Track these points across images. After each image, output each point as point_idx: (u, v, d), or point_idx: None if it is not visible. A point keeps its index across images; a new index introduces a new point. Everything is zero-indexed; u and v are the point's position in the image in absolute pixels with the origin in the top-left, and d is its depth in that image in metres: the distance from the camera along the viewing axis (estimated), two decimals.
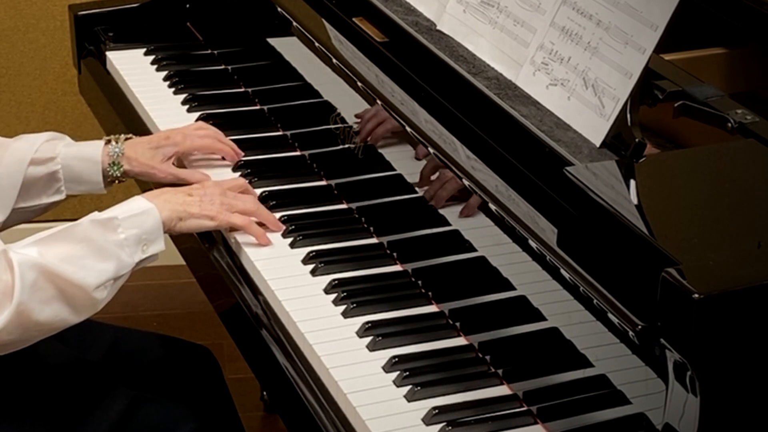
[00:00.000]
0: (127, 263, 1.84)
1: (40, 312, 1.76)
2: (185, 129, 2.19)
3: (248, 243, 1.96)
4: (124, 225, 1.83)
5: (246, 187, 2.03)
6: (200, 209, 1.93)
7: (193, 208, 1.92)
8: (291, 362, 1.78)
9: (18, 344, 1.80)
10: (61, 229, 1.81)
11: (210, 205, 1.94)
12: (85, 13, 2.65)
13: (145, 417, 1.99)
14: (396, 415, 1.64)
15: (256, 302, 1.90)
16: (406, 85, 1.92)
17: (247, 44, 2.52)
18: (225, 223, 1.95)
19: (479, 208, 1.75)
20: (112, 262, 1.81)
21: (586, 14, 1.72)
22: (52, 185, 2.08)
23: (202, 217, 1.93)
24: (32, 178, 2.06)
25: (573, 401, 1.59)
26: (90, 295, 1.79)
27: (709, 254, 1.41)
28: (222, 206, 1.94)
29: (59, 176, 2.07)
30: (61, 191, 2.09)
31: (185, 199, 1.93)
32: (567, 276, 1.52)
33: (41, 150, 2.06)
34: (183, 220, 1.91)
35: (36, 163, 2.05)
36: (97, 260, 1.80)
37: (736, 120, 1.66)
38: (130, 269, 1.85)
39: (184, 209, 1.91)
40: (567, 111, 1.72)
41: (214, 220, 1.94)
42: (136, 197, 1.91)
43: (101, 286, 1.80)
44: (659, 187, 1.62)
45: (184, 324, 3.34)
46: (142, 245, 1.85)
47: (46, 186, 2.07)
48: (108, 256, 1.81)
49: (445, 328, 1.80)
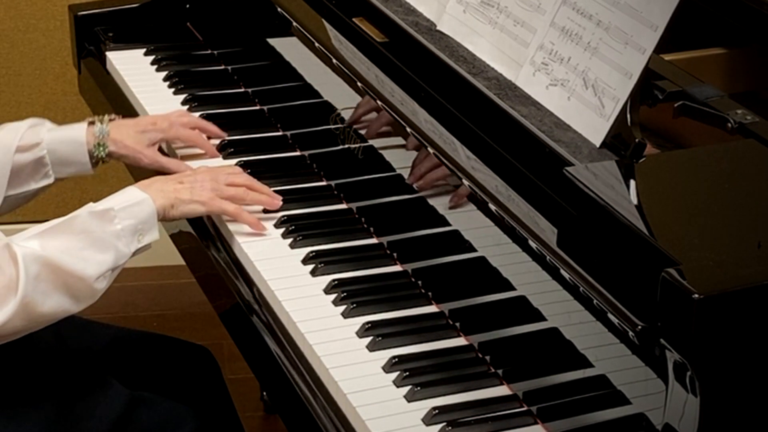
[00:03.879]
0: (125, 253, 1.87)
1: (43, 303, 1.78)
2: (170, 116, 2.20)
3: (248, 243, 1.97)
4: (121, 216, 1.86)
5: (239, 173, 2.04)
6: (191, 195, 1.96)
7: (184, 194, 1.95)
8: (291, 362, 1.78)
9: (21, 334, 1.83)
10: (60, 222, 1.83)
11: (201, 191, 1.97)
12: (85, 13, 2.65)
13: (145, 417, 1.99)
14: (396, 415, 1.64)
15: (255, 302, 1.90)
16: (406, 85, 1.92)
17: (247, 44, 2.52)
18: (216, 209, 1.97)
19: (479, 209, 1.75)
20: (111, 252, 1.84)
21: (586, 14, 1.72)
22: (40, 170, 2.10)
23: (193, 202, 1.96)
24: (19, 165, 2.08)
25: (573, 401, 1.59)
26: (91, 285, 1.82)
27: (709, 254, 1.41)
28: (213, 192, 1.96)
29: (46, 161, 2.09)
30: (49, 175, 2.11)
31: (176, 187, 1.96)
32: (567, 276, 1.52)
33: (25, 137, 2.08)
34: (175, 207, 1.95)
35: (22, 150, 2.07)
36: (96, 251, 1.83)
37: (736, 120, 1.66)
38: (126, 259, 1.88)
39: (176, 196, 1.94)
40: (567, 111, 1.72)
41: (205, 206, 1.97)
42: (130, 187, 1.94)
43: (101, 276, 1.83)
44: (659, 187, 1.62)
45: (183, 324, 3.34)
46: (137, 235, 1.88)
47: (33, 171, 2.09)
48: (106, 247, 1.84)
49: (445, 328, 1.80)
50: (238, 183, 2.00)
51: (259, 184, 2.03)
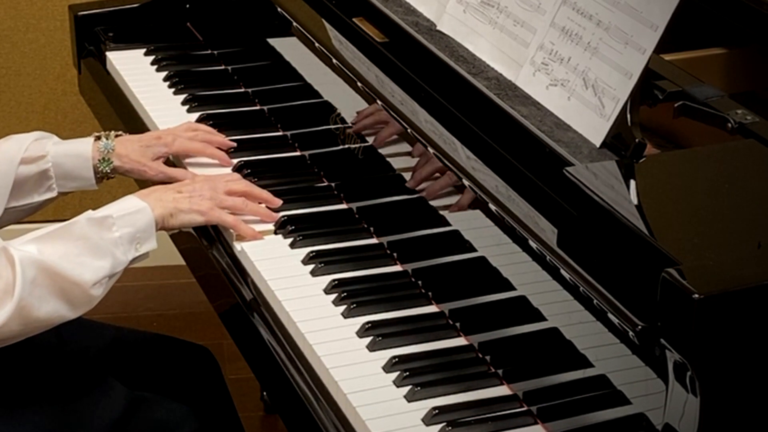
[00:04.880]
0: (122, 261, 1.86)
1: (39, 308, 1.78)
2: (175, 130, 2.20)
3: (248, 243, 1.96)
4: (119, 223, 1.86)
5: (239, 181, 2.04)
6: (190, 205, 1.95)
7: (183, 204, 1.95)
8: (291, 362, 1.78)
9: (17, 338, 1.82)
10: (59, 227, 1.83)
11: (200, 200, 1.96)
12: (85, 13, 2.65)
13: (145, 417, 1.99)
14: (396, 415, 1.64)
15: (255, 302, 1.90)
16: (406, 85, 1.92)
17: (247, 44, 2.52)
18: (215, 219, 1.97)
19: (480, 209, 1.75)
20: (108, 259, 1.84)
21: (586, 14, 1.72)
22: (44, 183, 2.09)
23: (192, 212, 1.95)
24: (23, 177, 2.07)
25: (573, 401, 1.59)
26: (87, 291, 1.82)
27: (709, 254, 1.41)
28: (212, 201, 1.96)
29: (50, 174, 2.09)
30: (52, 189, 2.10)
31: (175, 196, 1.95)
32: (567, 276, 1.52)
33: (31, 149, 2.07)
34: (174, 216, 1.94)
35: (26, 162, 2.07)
36: (93, 258, 1.82)
37: (736, 120, 1.66)
38: (124, 267, 1.87)
39: (174, 206, 1.94)
40: (567, 111, 1.72)
41: (204, 216, 1.96)
42: (129, 196, 1.94)
43: (97, 283, 1.83)
44: (659, 187, 1.62)
45: (183, 324, 3.34)
46: (135, 243, 1.88)
47: (37, 184, 2.09)
48: (104, 253, 1.84)
49: (445, 328, 1.79)
50: (237, 190, 2.00)
51: (258, 190, 2.02)
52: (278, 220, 2.01)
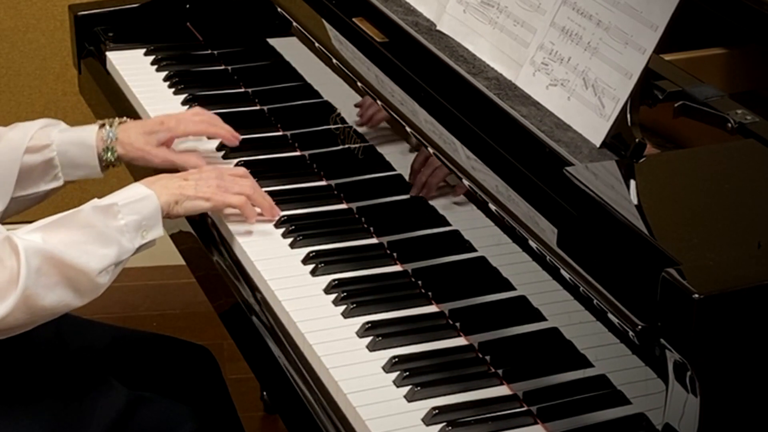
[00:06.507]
0: (128, 248, 1.86)
1: (45, 296, 1.78)
2: (179, 114, 2.19)
3: (248, 243, 1.97)
4: (124, 211, 1.86)
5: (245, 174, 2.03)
6: (195, 191, 1.95)
7: (189, 191, 1.94)
8: (291, 362, 1.78)
9: (23, 328, 1.82)
10: (64, 216, 1.83)
11: (206, 187, 1.96)
12: (85, 13, 2.65)
13: (145, 417, 1.99)
14: (396, 415, 1.64)
15: (255, 302, 1.90)
16: (406, 85, 1.92)
17: (247, 44, 2.52)
18: (221, 203, 1.96)
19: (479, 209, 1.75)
20: (114, 247, 1.84)
21: (586, 14, 1.72)
22: (49, 172, 2.09)
23: (198, 198, 1.95)
24: (29, 166, 2.07)
25: (573, 401, 1.59)
26: (93, 279, 1.81)
27: (709, 254, 1.41)
28: (218, 188, 1.96)
29: (55, 163, 2.08)
30: (58, 177, 2.10)
31: (181, 183, 1.95)
32: (567, 276, 1.52)
33: (36, 137, 2.07)
34: (179, 203, 1.94)
35: (31, 151, 2.06)
36: (99, 246, 1.82)
37: (736, 120, 1.66)
38: (130, 254, 1.87)
39: (180, 192, 1.94)
40: (567, 111, 1.72)
41: (209, 201, 1.96)
42: (135, 184, 1.93)
43: (103, 270, 1.83)
44: (659, 187, 1.62)
45: (183, 324, 3.34)
46: (141, 231, 1.87)
47: (43, 173, 2.08)
48: (109, 241, 1.83)
49: (445, 328, 1.80)
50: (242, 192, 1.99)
51: (261, 197, 2.02)
52: (278, 220, 2.01)
